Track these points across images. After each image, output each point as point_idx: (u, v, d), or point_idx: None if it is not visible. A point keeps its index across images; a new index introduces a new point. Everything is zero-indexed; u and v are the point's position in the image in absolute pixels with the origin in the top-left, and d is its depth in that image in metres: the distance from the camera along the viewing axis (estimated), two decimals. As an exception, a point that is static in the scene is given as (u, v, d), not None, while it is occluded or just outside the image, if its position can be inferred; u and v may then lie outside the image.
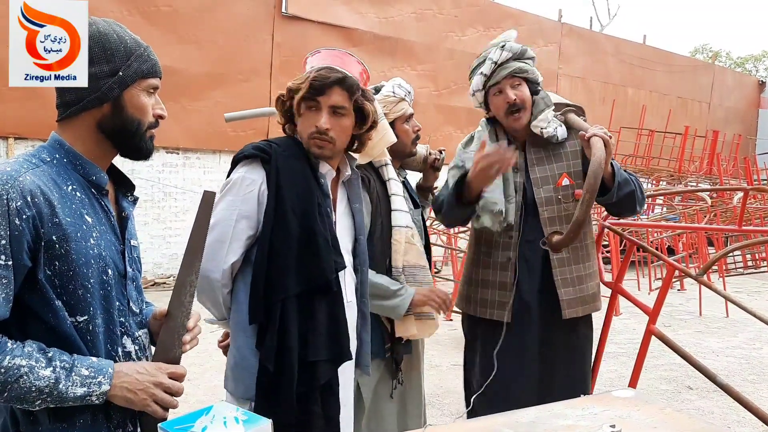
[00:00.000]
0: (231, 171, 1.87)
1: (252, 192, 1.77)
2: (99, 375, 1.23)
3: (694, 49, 33.07)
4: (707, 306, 7.49)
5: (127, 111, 1.33)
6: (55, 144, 1.32)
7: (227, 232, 1.76)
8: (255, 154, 1.80)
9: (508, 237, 2.38)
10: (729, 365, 5.34)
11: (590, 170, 2.12)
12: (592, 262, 2.45)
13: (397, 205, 2.27)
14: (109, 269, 1.31)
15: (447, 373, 4.94)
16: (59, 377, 1.19)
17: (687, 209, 9.11)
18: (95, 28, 1.30)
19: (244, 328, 1.79)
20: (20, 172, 1.21)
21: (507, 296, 2.38)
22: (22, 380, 1.16)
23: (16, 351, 1.17)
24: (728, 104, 18.89)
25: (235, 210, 1.77)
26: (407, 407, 2.38)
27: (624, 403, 1.46)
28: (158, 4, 8.84)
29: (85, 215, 1.28)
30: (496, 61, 2.33)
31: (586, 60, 14.73)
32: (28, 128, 7.80)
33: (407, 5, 11.56)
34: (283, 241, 1.74)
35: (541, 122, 2.35)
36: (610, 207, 2.43)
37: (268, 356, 1.71)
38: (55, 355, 1.21)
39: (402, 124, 2.37)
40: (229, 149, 9.43)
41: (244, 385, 1.78)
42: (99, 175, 1.34)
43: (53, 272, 1.22)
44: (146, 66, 1.35)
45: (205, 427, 1.09)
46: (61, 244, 1.22)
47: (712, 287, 2.78)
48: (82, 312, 1.26)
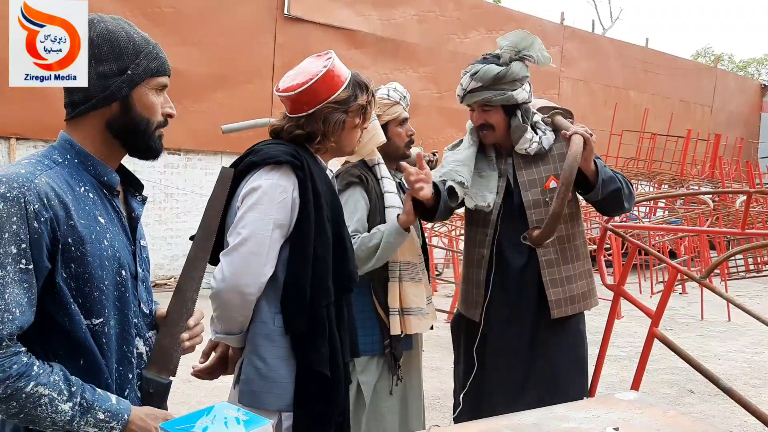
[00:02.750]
0: (244, 175, 1.81)
1: (285, 199, 1.74)
2: (113, 420, 1.23)
3: (697, 53, 33.09)
4: (709, 310, 7.47)
5: (136, 110, 1.32)
6: (66, 144, 1.30)
7: (264, 243, 1.70)
8: (288, 161, 1.76)
9: (484, 234, 2.43)
10: (731, 369, 5.32)
11: (565, 164, 2.19)
12: (582, 262, 2.47)
13: (390, 202, 2.33)
14: (123, 270, 1.31)
15: (448, 376, 4.92)
16: (75, 415, 1.19)
17: (689, 212, 9.09)
18: (103, 25, 1.29)
19: (271, 338, 1.76)
20: (35, 174, 1.20)
21: (480, 294, 2.43)
22: (39, 409, 1.16)
23: (42, 378, 1.16)
24: (731, 108, 18.88)
25: (270, 219, 1.72)
26: (408, 405, 2.42)
27: (627, 406, 1.45)
28: (161, 5, 8.85)
29: (98, 216, 1.27)
30: (464, 88, 2.39)
31: (589, 63, 14.73)
32: (29, 129, 7.80)
33: (409, 7, 11.56)
34: (324, 248, 1.76)
35: (524, 144, 2.41)
36: (597, 205, 2.49)
37: (322, 362, 1.73)
38: (77, 390, 1.20)
39: (395, 127, 2.44)
40: (231, 151, 9.42)
41: (274, 396, 1.75)
42: (110, 176, 1.33)
43: (69, 275, 1.22)
44: (155, 64, 1.33)
45: (206, 428, 1.08)
46: (77, 246, 1.21)
47: (714, 290, 2.77)
48: (97, 314, 1.25)
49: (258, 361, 1.76)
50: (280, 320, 1.76)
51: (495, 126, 2.41)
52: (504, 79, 2.33)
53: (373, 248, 2.18)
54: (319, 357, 1.72)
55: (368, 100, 1.89)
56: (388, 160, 2.43)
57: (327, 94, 1.81)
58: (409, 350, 2.39)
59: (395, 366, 2.31)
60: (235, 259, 1.70)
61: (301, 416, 1.74)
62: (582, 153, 2.21)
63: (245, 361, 1.79)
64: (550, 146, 2.43)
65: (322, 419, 1.76)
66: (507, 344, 2.41)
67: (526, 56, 2.36)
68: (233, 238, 1.72)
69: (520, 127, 2.39)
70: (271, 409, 1.74)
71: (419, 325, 2.32)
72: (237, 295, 1.70)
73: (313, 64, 1.86)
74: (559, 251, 2.40)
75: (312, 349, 1.73)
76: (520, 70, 2.35)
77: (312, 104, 1.81)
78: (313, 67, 1.84)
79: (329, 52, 1.88)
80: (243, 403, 1.76)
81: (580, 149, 2.20)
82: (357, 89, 1.87)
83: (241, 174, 1.81)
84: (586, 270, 2.49)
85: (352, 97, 1.84)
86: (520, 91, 2.36)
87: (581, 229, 2.51)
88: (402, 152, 2.48)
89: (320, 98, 1.80)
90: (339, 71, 1.84)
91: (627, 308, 6.82)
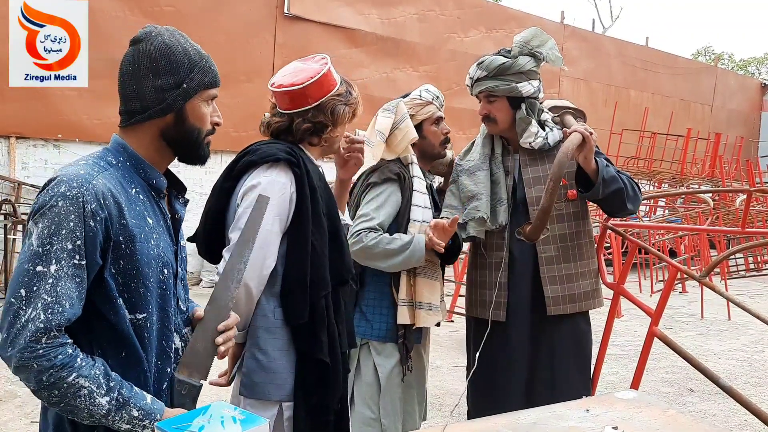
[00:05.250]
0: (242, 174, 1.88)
1: (284, 195, 1.82)
2: (146, 419, 1.26)
3: (697, 52, 33.03)
4: (709, 308, 7.47)
5: (189, 121, 1.39)
6: (119, 147, 1.37)
7: (265, 238, 1.76)
8: (285, 158, 1.84)
9: (501, 238, 2.45)
10: (731, 368, 5.32)
11: (556, 159, 2.20)
12: (587, 261, 2.47)
13: (416, 200, 2.41)
14: (166, 269, 1.37)
15: (447, 375, 4.93)
16: (111, 409, 1.23)
17: (689, 211, 9.09)
18: (161, 39, 1.35)
19: (271, 330, 1.82)
20: (93, 175, 1.26)
21: (502, 296, 2.43)
22: (78, 400, 1.20)
23: (84, 371, 1.21)
24: (731, 107, 18.85)
25: (270, 214, 1.77)
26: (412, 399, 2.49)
27: (626, 405, 1.45)
28: (161, 4, 8.85)
29: (147, 217, 1.34)
30: (471, 77, 2.46)
31: (589, 62, 14.70)
32: (29, 128, 7.79)
33: (409, 6, 11.55)
34: (321, 241, 1.83)
35: (528, 138, 2.42)
36: (599, 204, 2.50)
37: (322, 349, 1.79)
38: (115, 386, 1.24)
39: (430, 126, 2.55)
40: (231, 149, 9.38)
41: (274, 386, 1.81)
42: (159, 179, 1.40)
43: (117, 271, 1.28)
44: (208, 78, 1.41)
45: (202, 427, 1.09)
46: (127, 244, 1.28)
47: (715, 288, 2.77)
48: (141, 310, 1.31)
49: (259, 353, 1.82)
50: (279, 313, 1.82)
51: (498, 118, 2.44)
52: (509, 71, 2.37)
53: (391, 252, 2.27)
54: (320, 345, 1.79)
55: (357, 97, 2.02)
56: (423, 158, 2.55)
57: (330, 87, 1.92)
58: (419, 344, 2.49)
59: (407, 357, 2.41)
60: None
61: (301, 405, 1.80)
62: (580, 150, 2.22)
63: (246, 354, 1.85)
64: (557, 144, 2.43)
65: (321, 407, 1.82)
66: (518, 342, 2.43)
67: (536, 53, 2.38)
68: (236, 234, 1.77)
69: (525, 119, 2.40)
70: (272, 399, 1.80)
71: (427, 319, 2.41)
72: (242, 289, 1.74)
73: (308, 64, 1.96)
74: (560, 249, 2.40)
75: (312, 338, 1.79)
76: (527, 64, 2.37)
77: (316, 97, 1.90)
78: (309, 65, 1.94)
79: (318, 55, 2.00)
80: (244, 394, 1.82)
81: (573, 145, 2.20)
82: (348, 86, 2.00)
83: (240, 173, 1.89)
84: (591, 270, 2.47)
85: (348, 92, 1.98)
86: (526, 85, 2.39)
87: (587, 229, 2.50)
88: (437, 151, 2.58)
89: (325, 91, 1.91)
90: (333, 70, 1.97)
91: (627, 307, 6.83)
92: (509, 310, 2.42)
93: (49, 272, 1.19)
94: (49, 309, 1.18)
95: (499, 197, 2.44)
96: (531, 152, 2.45)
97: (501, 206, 2.42)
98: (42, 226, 1.21)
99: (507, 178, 2.46)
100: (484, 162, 2.49)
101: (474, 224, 2.41)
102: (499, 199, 2.43)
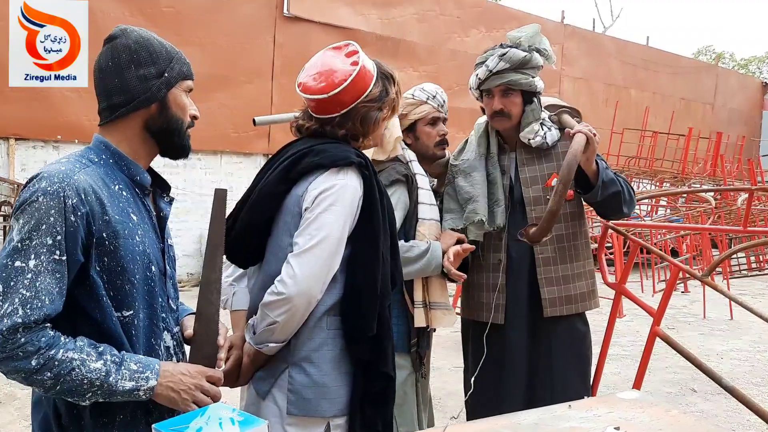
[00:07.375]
0: (301, 175, 1.74)
1: (355, 200, 1.72)
2: (147, 370, 1.27)
3: (698, 51, 33.01)
4: (711, 308, 7.46)
5: (172, 110, 1.41)
6: (101, 146, 1.38)
7: (338, 246, 1.68)
8: (357, 161, 1.73)
9: (499, 239, 2.42)
10: (733, 368, 5.31)
11: (565, 161, 2.17)
12: (583, 262, 2.45)
13: (423, 198, 2.34)
14: (152, 266, 1.37)
15: (449, 376, 4.92)
16: (110, 370, 1.22)
17: (691, 210, 9.07)
18: (136, 33, 1.39)
19: (324, 342, 1.70)
20: (74, 171, 1.27)
21: (500, 297, 2.41)
22: (74, 372, 1.19)
23: (69, 345, 1.21)
24: (732, 106, 18.84)
25: (342, 220, 1.68)
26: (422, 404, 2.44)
27: (628, 405, 1.45)
28: (160, 5, 8.85)
29: (131, 213, 1.34)
30: (491, 69, 2.36)
31: (589, 62, 14.69)
32: (29, 129, 7.80)
33: (409, 6, 11.55)
34: (386, 247, 1.76)
35: (529, 134, 2.40)
36: (595, 206, 2.47)
37: (388, 363, 1.72)
38: (105, 349, 1.25)
39: (423, 126, 2.46)
40: (231, 150, 9.43)
41: (327, 402, 1.69)
42: (143, 176, 1.41)
43: (102, 268, 1.28)
44: (186, 68, 1.44)
45: (200, 428, 1.08)
46: (111, 240, 1.28)
47: (717, 288, 2.76)
48: (127, 307, 1.31)
49: (310, 367, 1.69)
50: (334, 322, 1.71)
51: (512, 112, 2.38)
52: (528, 64, 2.35)
53: (409, 260, 2.19)
54: (386, 358, 1.71)
55: (397, 91, 1.86)
56: (419, 159, 2.45)
57: (360, 93, 1.75)
58: (429, 349, 2.45)
59: (419, 364, 2.35)
60: (309, 260, 1.64)
61: (357, 420, 1.69)
62: (584, 152, 2.20)
63: (293, 370, 1.70)
64: (554, 143, 2.42)
65: (378, 420, 1.72)
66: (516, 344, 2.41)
67: (542, 49, 2.39)
68: (305, 240, 1.66)
69: (535, 113, 2.39)
70: (326, 416, 1.68)
71: (443, 320, 2.36)
72: (306, 299, 1.64)
73: (338, 60, 1.78)
74: (557, 250, 2.38)
75: (379, 349, 1.70)
76: (539, 60, 2.38)
77: (345, 105, 1.75)
78: (338, 63, 1.77)
79: (351, 44, 1.82)
80: (293, 413, 1.68)
81: (581, 147, 2.18)
82: (385, 82, 1.82)
83: (300, 174, 1.75)
84: (587, 271, 2.46)
85: (383, 92, 1.80)
86: (539, 80, 2.39)
87: (584, 229, 2.49)
88: (431, 152, 2.49)
89: (354, 98, 1.75)
90: (368, 67, 1.78)
91: (629, 307, 6.81)
92: (507, 312, 2.41)
93: (28, 267, 1.18)
94: (27, 304, 1.17)
95: (496, 198, 2.41)
96: (528, 151, 2.43)
97: (498, 207, 2.40)
98: (23, 222, 1.21)
99: (503, 178, 2.44)
100: (480, 161, 2.46)
101: (473, 228, 2.39)
102: (496, 200, 2.41)
